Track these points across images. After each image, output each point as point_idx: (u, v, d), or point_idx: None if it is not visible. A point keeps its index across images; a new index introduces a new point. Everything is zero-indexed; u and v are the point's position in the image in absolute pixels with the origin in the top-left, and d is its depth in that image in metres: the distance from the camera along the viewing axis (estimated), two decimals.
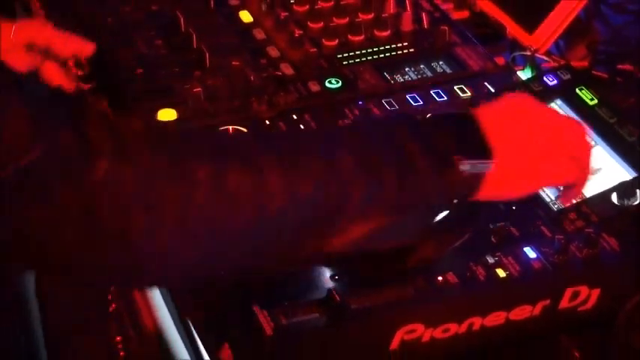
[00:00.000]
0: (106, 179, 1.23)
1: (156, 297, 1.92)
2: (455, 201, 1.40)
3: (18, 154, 1.19)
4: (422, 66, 1.78)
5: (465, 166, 1.34)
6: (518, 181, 1.41)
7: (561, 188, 1.48)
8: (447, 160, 1.34)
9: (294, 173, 1.32)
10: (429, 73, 1.77)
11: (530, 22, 1.82)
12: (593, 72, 1.76)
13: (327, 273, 1.39)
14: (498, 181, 1.38)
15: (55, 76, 1.84)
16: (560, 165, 1.41)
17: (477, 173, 1.36)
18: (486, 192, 1.38)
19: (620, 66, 1.78)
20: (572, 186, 1.45)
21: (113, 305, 2.13)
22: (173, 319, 1.81)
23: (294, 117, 1.66)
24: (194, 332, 1.58)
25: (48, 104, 1.37)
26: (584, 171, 1.44)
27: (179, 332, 1.79)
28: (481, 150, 1.36)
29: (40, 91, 1.75)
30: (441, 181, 1.35)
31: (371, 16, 1.87)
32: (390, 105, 1.68)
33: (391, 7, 1.89)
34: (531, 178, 1.42)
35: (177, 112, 1.67)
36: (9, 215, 1.25)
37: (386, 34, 1.84)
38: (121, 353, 2.12)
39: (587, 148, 1.46)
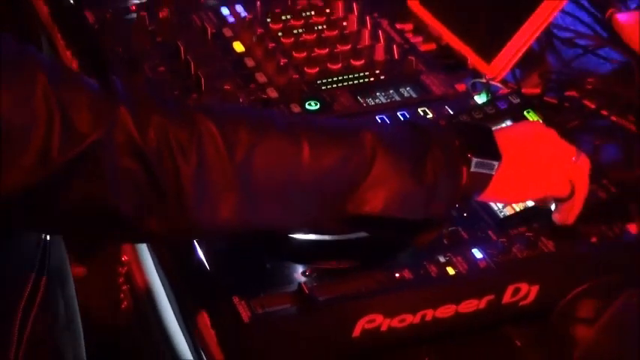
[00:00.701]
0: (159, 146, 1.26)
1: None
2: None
3: (84, 136, 1.20)
4: (391, 91, 1.78)
5: (477, 162, 1.36)
6: (517, 188, 1.43)
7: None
8: (462, 156, 1.36)
9: (322, 147, 1.33)
10: (397, 97, 1.76)
11: (488, 54, 1.81)
12: (545, 98, 1.77)
13: (299, 269, 1.39)
14: (501, 185, 1.40)
15: None
16: (558, 183, 1.44)
17: (485, 173, 1.38)
18: (490, 193, 1.41)
19: (567, 93, 1.79)
20: (563, 208, 1.47)
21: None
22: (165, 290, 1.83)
23: None
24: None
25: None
26: (578, 197, 1.45)
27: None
28: (492, 153, 1.38)
29: None
30: (453, 173, 1.37)
31: (348, 47, 1.87)
32: None
33: (366, 40, 1.88)
34: (530, 187, 1.45)
35: None
36: (92, 192, 1.26)
37: (360, 62, 1.84)
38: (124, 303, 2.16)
39: (586, 183, 1.46)
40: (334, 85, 1.79)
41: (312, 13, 1.97)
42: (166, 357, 2.03)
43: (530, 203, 1.51)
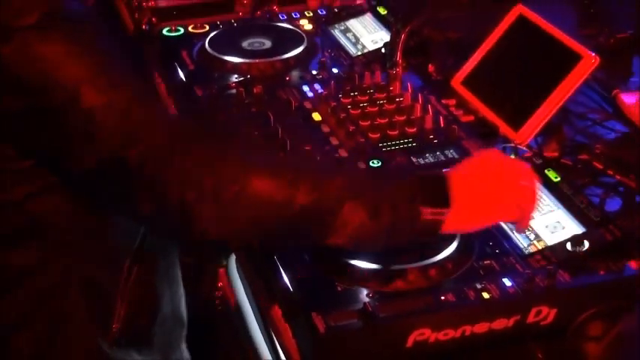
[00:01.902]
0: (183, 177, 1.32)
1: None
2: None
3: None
4: (438, 152, 1.77)
5: (427, 214, 1.38)
6: (471, 222, 1.44)
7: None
8: (415, 210, 1.38)
9: (302, 186, 1.35)
10: (443, 158, 1.75)
11: (516, 124, 1.81)
12: (562, 160, 1.76)
13: (364, 291, 1.39)
14: (456, 222, 1.40)
15: None
16: (507, 211, 1.45)
17: (436, 219, 1.38)
18: (447, 229, 1.40)
19: (580, 156, 1.79)
20: (518, 223, 1.48)
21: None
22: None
23: None
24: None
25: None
26: (526, 215, 1.46)
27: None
28: (442, 202, 1.39)
29: None
30: (408, 219, 1.38)
31: (403, 117, 1.86)
32: None
33: (418, 112, 1.88)
34: (482, 220, 1.45)
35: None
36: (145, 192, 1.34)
37: (413, 130, 1.83)
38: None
39: (533, 202, 1.46)
40: (393, 148, 1.79)
41: (375, 90, 1.96)
42: None
43: (550, 243, 1.50)
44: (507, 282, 1.42)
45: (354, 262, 1.44)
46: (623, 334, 1.46)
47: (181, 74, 2.15)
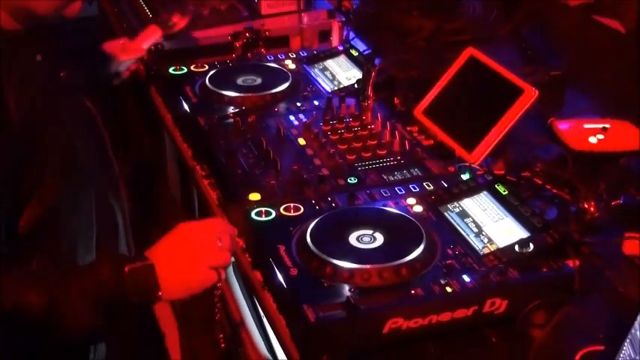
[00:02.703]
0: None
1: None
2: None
3: None
4: (404, 171, 1.78)
5: (140, 298, 1.38)
6: (183, 292, 1.45)
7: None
8: (125, 294, 1.36)
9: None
10: (409, 175, 1.77)
11: (469, 146, 1.83)
12: (508, 177, 1.75)
13: (346, 287, 1.40)
14: (169, 296, 1.42)
15: None
16: (205, 279, 1.46)
17: (148, 299, 1.40)
18: (165, 299, 1.40)
19: (523, 173, 1.78)
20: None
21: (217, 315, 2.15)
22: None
23: (329, 199, 1.67)
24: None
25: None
26: (221, 273, 1.48)
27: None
28: (151, 284, 1.38)
29: None
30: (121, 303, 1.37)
31: (375, 142, 1.88)
32: (385, 192, 1.69)
33: (387, 137, 1.89)
34: (190, 289, 1.45)
35: (260, 195, 1.68)
36: None
37: (383, 152, 1.84)
38: (222, 345, 2.13)
39: (217, 256, 1.46)
40: (366, 167, 1.79)
41: (351, 119, 1.98)
42: (245, 355, 2.02)
43: (501, 245, 1.51)
44: (466, 278, 1.44)
45: (337, 262, 1.44)
46: (562, 321, 1.45)
47: (186, 106, 2.15)
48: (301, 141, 1.90)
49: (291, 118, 2.02)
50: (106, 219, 1.66)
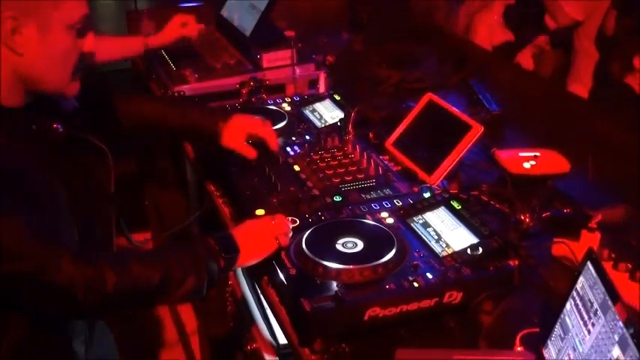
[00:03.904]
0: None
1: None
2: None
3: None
4: (378, 191, 1.78)
5: (226, 258, 1.44)
6: (251, 257, 1.49)
7: None
8: (217, 257, 1.42)
9: (139, 274, 1.32)
10: (382, 194, 1.76)
11: (429, 171, 1.82)
12: (460, 195, 1.75)
13: (335, 284, 1.40)
14: (243, 259, 1.47)
15: None
16: (269, 246, 1.50)
17: (233, 257, 1.45)
18: (239, 264, 1.47)
19: (472, 192, 1.79)
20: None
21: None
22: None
23: (319, 214, 1.66)
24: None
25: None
26: (282, 240, 1.51)
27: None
28: (233, 249, 1.45)
29: None
30: (217, 265, 1.42)
31: (355, 168, 1.87)
32: (363, 208, 1.69)
33: (364, 164, 1.88)
34: (258, 255, 1.50)
35: (265, 210, 1.67)
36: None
37: (362, 176, 1.83)
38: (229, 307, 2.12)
39: (284, 232, 1.51)
40: (349, 188, 1.79)
41: (335, 150, 1.98)
42: (252, 337, 2.01)
43: (457, 249, 1.51)
44: (429, 275, 1.44)
45: (327, 263, 1.45)
46: (506, 309, 1.47)
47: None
48: (296, 167, 1.89)
49: (288, 149, 2.01)
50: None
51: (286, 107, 2.30)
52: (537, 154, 1.98)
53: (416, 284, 1.42)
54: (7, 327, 1.33)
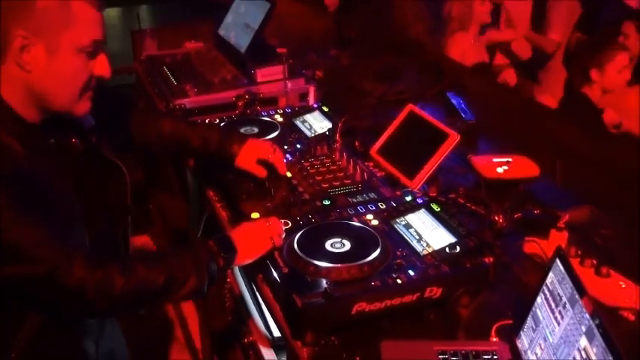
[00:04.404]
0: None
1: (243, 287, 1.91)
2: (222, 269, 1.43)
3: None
4: (364, 195, 1.76)
5: (224, 256, 1.43)
6: (248, 256, 1.48)
7: None
8: (217, 256, 1.41)
9: (144, 276, 1.31)
10: (367, 197, 1.75)
11: (411, 176, 1.81)
12: (439, 198, 1.75)
13: (324, 281, 1.39)
14: (241, 258, 1.46)
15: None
16: (264, 246, 1.49)
17: (231, 256, 1.44)
18: (238, 262, 1.46)
19: (450, 195, 1.77)
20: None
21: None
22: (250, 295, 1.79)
23: (310, 216, 1.65)
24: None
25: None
26: (276, 241, 1.50)
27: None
28: (231, 249, 1.44)
29: None
30: (216, 265, 1.41)
31: (342, 174, 1.86)
32: (350, 211, 1.67)
33: (350, 170, 1.87)
34: (254, 254, 1.48)
35: (259, 213, 1.65)
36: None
37: (349, 181, 1.82)
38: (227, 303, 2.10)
39: (278, 233, 1.50)
40: (337, 192, 1.78)
41: (324, 157, 1.97)
42: (248, 330, 2.01)
43: (436, 248, 1.50)
44: (411, 272, 1.44)
45: (317, 262, 1.44)
46: (482, 303, 1.47)
47: None
48: (288, 174, 1.88)
49: None
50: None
51: (279, 118, 2.29)
52: (509, 159, 1.98)
53: (399, 281, 1.41)
54: (21, 324, 1.32)
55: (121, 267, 1.29)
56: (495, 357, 1.31)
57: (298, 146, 2.07)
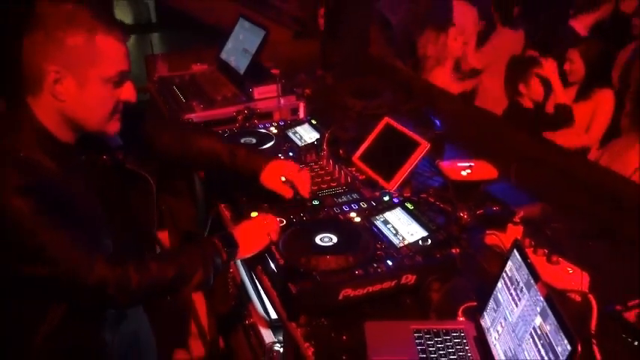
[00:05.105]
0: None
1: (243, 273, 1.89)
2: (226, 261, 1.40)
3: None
4: (348, 195, 1.75)
5: (227, 250, 1.40)
6: (248, 251, 1.46)
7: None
8: (221, 251, 1.39)
9: (157, 272, 1.29)
10: (351, 198, 1.74)
11: (388, 178, 1.80)
12: (412, 197, 1.75)
13: (315, 271, 1.37)
14: (242, 252, 1.44)
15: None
16: (263, 241, 1.47)
17: (233, 251, 1.42)
18: (239, 256, 1.45)
19: (421, 195, 1.78)
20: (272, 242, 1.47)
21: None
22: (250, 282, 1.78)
23: (302, 215, 1.63)
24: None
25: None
26: (273, 237, 1.48)
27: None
28: (233, 244, 1.42)
29: None
30: (218, 255, 1.39)
31: (329, 177, 1.85)
32: (337, 209, 1.66)
33: (336, 174, 1.86)
34: (253, 249, 1.46)
35: (258, 212, 1.61)
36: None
37: (335, 184, 1.81)
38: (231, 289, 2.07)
39: (274, 229, 1.48)
40: (325, 193, 1.77)
41: (313, 163, 1.95)
42: (249, 313, 1.99)
43: (411, 241, 1.49)
44: (389, 262, 1.43)
45: (309, 255, 1.42)
46: (450, 288, 1.46)
47: None
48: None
49: None
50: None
51: (273, 130, 2.27)
52: (472, 164, 1.97)
53: (379, 270, 1.40)
54: (43, 317, 1.31)
55: (136, 265, 1.28)
56: (462, 334, 1.31)
57: (290, 154, 2.05)
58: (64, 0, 1.23)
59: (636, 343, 1.32)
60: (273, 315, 1.76)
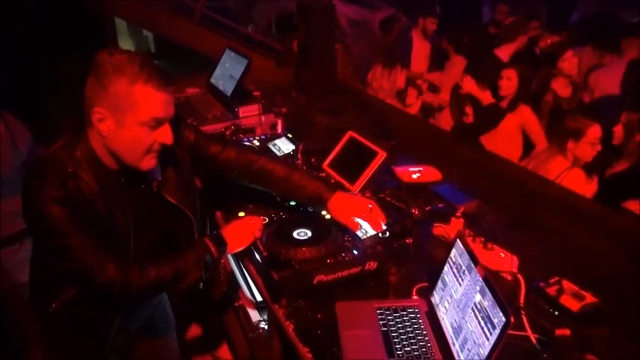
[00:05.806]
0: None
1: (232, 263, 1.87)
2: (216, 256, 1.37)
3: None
4: None
5: (217, 249, 1.38)
6: (235, 248, 1.43)
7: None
8: (211, 251, 1.37)
9: (155, 276, 1.28)
10: None
11: (352, 182, 1.79)
12: (373, 197, 1.69)
13: (293, 260, 1.36)
14: (230, 249, 1.42)
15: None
16: (248, 239, 1.44)
17: (223, 249, 1.40)
18: (228, 252, 1.41)
19: (380, 195, 1.73)
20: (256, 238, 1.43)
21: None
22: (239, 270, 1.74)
23: (281, 213, 1.60)
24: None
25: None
26: (257, 234, 1.44)
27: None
28: (222, 244, 1.39)
29: None
30: (212, 256, 1.37)
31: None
32: (309, 209, 1.61)
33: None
34: (239, 246, 1.43)
35: (244, 212, 1.60)
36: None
37: None
38: (223, 276, 2.00)
39: (258, 228, 1.43)
40: None
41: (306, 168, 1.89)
42: (239, 297, 1.96)
43: (372, 234, 1.47)
44: (355, 252, 1.42)
45: (287, 247, 1.41)
46: (405, 272, 1.46)
47: None
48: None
49: None
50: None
51: (256, 143, 2.24)
52: (421, 168, 1.98)
53: (347, 258, 1.40)
54: (61, 290, 1.31)
55: (138, 269, 1.28)
56: (416, 310, 1.31)
57: None
58: (131, 52, 1.22)
59: (556, 313, 1.34)
60: (259, 298, 1.74)
